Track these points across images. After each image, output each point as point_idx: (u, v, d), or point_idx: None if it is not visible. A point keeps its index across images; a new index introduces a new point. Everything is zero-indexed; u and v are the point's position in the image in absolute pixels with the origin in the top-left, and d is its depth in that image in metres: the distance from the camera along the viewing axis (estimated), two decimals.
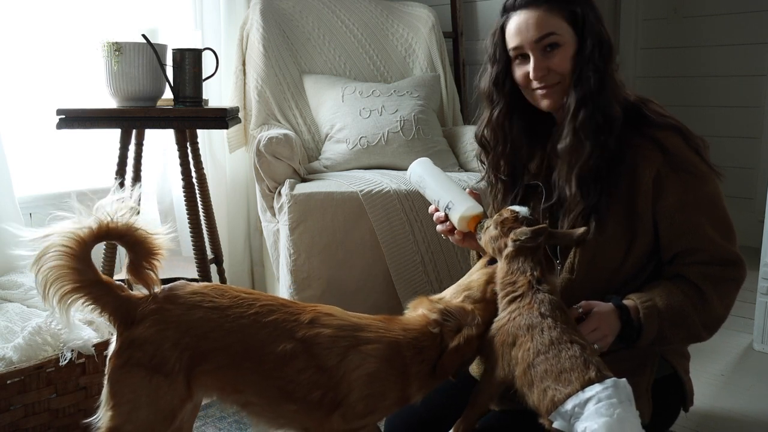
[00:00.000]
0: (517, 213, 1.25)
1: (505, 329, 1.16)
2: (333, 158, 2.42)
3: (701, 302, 1.26)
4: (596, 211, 1.28)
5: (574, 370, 1.05)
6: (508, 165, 1.42)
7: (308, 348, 1.15)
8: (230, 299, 1.17)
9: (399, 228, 2.06)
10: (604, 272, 1.32)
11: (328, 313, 1.21)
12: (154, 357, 1.11)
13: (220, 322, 1.14)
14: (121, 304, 1.14)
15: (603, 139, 1.26)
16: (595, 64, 1.26)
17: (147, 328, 1.13)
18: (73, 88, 2.36)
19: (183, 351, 1.12)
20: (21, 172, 2.24)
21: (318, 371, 1.14)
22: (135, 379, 1.12)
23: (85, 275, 1.12)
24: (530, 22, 1.29)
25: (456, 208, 1.34)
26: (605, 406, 1.00)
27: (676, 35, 3.89)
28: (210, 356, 1.14)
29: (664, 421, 1.41)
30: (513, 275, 1.20)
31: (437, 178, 1.41)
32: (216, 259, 2.32)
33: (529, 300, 1.16)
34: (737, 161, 3.68)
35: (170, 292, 1.18)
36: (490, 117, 1.41)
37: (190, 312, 1.15)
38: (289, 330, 1.16)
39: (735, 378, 2.15)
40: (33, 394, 1.56)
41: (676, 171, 1.26)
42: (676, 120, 1.31)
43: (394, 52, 2.83)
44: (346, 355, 1.15)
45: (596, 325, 1.20)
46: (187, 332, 1.13)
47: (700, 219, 1.26)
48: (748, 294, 2.61)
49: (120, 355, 1.13)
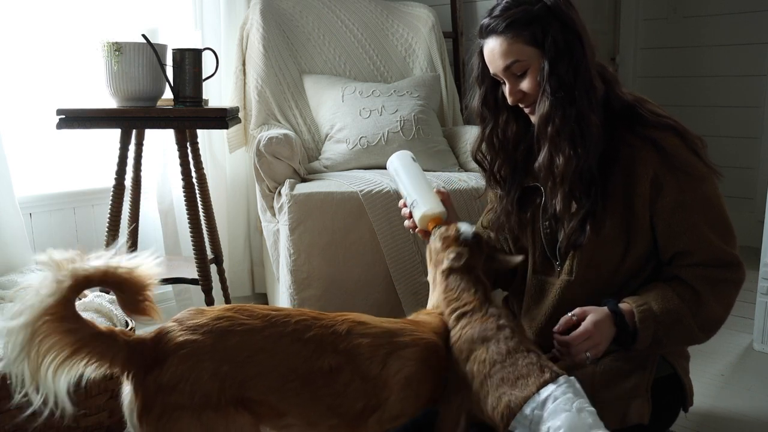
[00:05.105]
0: (461, 233, 1.28)
1: (457, 346, 1.16)
2: (333, 158, 2.42)
3: (697, 305, 1.25)
4: (592, 216, 1.28)
5: (530, 375, 1.06)
6: (507, 171, 1.44)
7: (351, 359, 1.11)
8: (261, 320, 1.09)
9: (399, 228, 2.06)
10: (602, 273, 1.32)
11: (361, 322, 1.18)
12: (195, 394, 1.00)
13: (262, 344, 1.06)
14: (132, 351, 1.02)
15: (581, 149, 1.24)
16: (559, 78, 1.24)
17: (175, 366, 1.01)
18: (73, 88, 2.36)
19: (224, 380, 1.02)
20: (21, 172, 2.24)
21: (363, 381, 1.11)
22: (182, 424, 0.99)
23: (81, 333, 0.99)
24: (495, 51, 1.30)
25: (419, 207, 1.39)
26: (563, 402, 1.01)
27: (676, 35, 3.89)
28: (255, 382, 1.05)
29: (664, 422, 1.41)
30: (454, 292, 1.22)
31: (411, 174, 1.45)
32: (216, 259, 2.32)
33: (482, 314, 1.18)
34: (737, 161, 3.68)
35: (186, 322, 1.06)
36: (483, 134, 1.44)
37: (224, 338, 1.05)
38: (331, 344, 1.11)
39: (735, 378, 2.15)
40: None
41: (673, 171, 1.25)
42: (673, 119, 1.31)
43: (394, 52, 2.83)
44: (387, 362, 1.13)
45: (589, 333, 1.20)
46: (225, 360, 1.03)
47: (698, 219, 1.26)
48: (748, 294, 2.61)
49: (150, 406, 1.00)
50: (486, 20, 1.31)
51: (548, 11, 1.25)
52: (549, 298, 1.38)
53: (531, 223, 1.42)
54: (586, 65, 1.25)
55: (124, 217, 2.16)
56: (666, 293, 1.26)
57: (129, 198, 2.20)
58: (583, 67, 1.25)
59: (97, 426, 1.64)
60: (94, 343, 1.00)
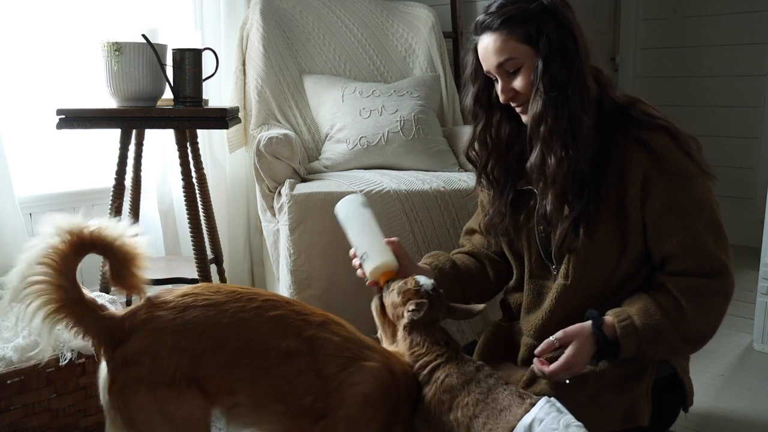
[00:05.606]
0: (420, 286, 1.26)
1: (436, 399, 1.14)
2: (333, 158, 2.42)
3: (681, 319, 1.23)
4: (584, 218, 1.27)
5: (512, 405, 1.08)
6: (500, 172, 1.43)
7: (312, 350, 1.09)
8: (226, 294, 1.10)
9: (399, 228, 2.06)
10: (598, 276, 1.32)
11: (339, 323, 1.17)
12: (153, 369, 1.02)
13: (218, 318, 1.06)
14: (104, 324, 1.05)
15: (573, 150, 1.23)
16: (552, 77, 1.23)
17: (139, 340, 1.03)
18: (73, 88, 2.36)
19: (181, 355, 1.03)
20: (21, 172, 2.24)
21: (316, 376, 1.09)
22: (140, 398, 1.02)
23: (68, 293, 1.02)
24: (489, 48, 1.29)
25: (369, 260, 1.36)
26: (549, 421, 1.03)
27: (676, 35, 3.89)
28: (209, 355, 1.05)
29: (664, 422, 1.41)
30: (421, 346, 1.20)
31: (360, 224, 1.42)
32: (216, 259, 2.32)
33: (458, 360, 1.18)
34: (737, 161, 3.68)
35: (157, 299, 1.09)
36: (475, 132, 1.43)
37: (185, 313, 1.06)
38: (296, 327, 1.10)
39: (735, 378, 2.15)
40: (33, 394, 1.56)
41: (663, 173, 1.24)
42: (666, 120, 1.29)
43: (394, 52, 2.83)
44: (348, 368, 1.10)
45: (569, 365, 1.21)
46: (184, 334, 1.04)
47: (687, 222, 1.24)
48: (748, 294, 2.61)
49: (115, 379, 1.03)
50: (481, 17, 1.30)
51: (544, 10, 1.24)
52: (546, 302, 1.37)
53: (526, 226, 1.41)
54: (580, 65, 1.25)
55: (124, 217, 2.16)
56: (649, 307, 1.25)
57: (129, 198, 2.20)
58: (576, 67, 1.24)
59: (97, 426, 1.64)
60: (74, 307, 1.03)
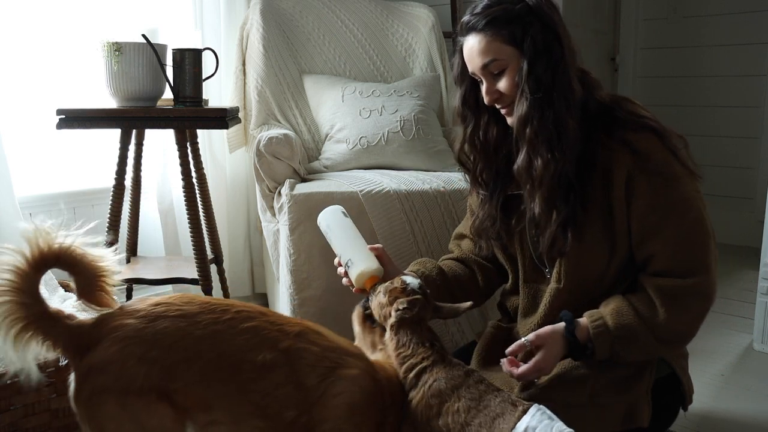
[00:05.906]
0: (407, 284, 1.26)
1: (424, 404, 1.13)
2: (333, 158, 2.42)
3: (654, 320, 1.23)
4: (572, 221, 1.27)
5: (505, 413, 1.07)
6: (489, 175, 1.43)
7: (290, 361, 1.06)
8: (200, 305, 1.07)
9: (399, 228, 2.06)
10: (590, 278, 1.32)
11: (317, 331, 1.14)
12: (120, 377, 1.00)
13: (189, 329, 1.03)
14: (72, 333, 1.03)
15: (558, 152, 1.23)
16: (537, 79, 1.23)
17: (106, 348, 1.01)
18: (73, 88, 2.36)
19: (151, 366, 1.01)
20: (21, 172, 2.24)
21: (296, 388, 1.06)
22: (108, 408, 0.99)
23: (32, 309, 1.01)
24: (474, 49, 1.28)
25: (354, 266, 1.36)
26: (542, 428, 1.03)
27: (676, 35, 3.89)
28: (182, 367, 1.02)
29: (664, 422, 1.41)
30: (407, 348, 1.19)
31: (343, 231, 1.43)
32: (216, 259, 2.32)
33: (445, 364, 1.16)
34: (737, 161, 3.68)
35: (128, 307, 1.07)
36: (465, 135, 1.43)
37: (155, 323, 1.03)
38: (272, 339, 1.07)
39: (735, 378, 2.15)
40: (33, 394, 1.56)
41: (646, 173, 1.23)
42: (653, 119, 1.28)
43: (394, 52, 2.83)
44: (328, 378, 1.07)
45: (538, 368, 1.22)
46: (154, 344, 1.02)
47: (669, 222, 1.23)
48: (748, 294, 2.61)
49: (82, 389, 1.01)
50: (466, 17, 1.29)
51: (529, 11, 1.24)
52: (541, 306, 1.38)
53: (517, 230, 1.41)
54: (565, 67, 1.24)
55: (124, 217, 2.16)
56: (622, 308, 1.25)
57: (129, 198, 2.21)
58: (561, 69, 1.23)
59: None
60: (39, 322, 1.02)
